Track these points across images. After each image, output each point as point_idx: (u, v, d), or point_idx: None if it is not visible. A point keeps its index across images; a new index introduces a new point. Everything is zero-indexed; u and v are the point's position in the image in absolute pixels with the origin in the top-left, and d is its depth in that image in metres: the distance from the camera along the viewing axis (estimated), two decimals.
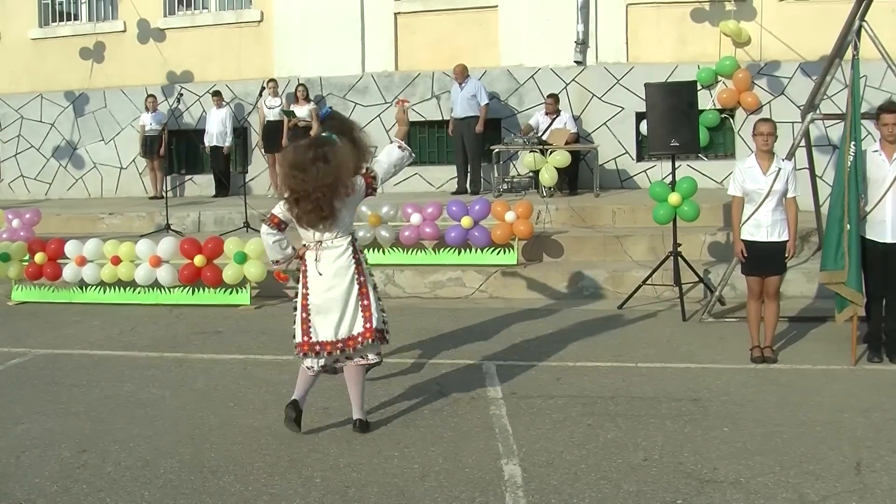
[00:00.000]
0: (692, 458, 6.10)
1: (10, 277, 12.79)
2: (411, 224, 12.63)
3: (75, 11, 20.55)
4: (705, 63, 16.13)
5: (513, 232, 12.24)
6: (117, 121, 19.39)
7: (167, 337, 10.23)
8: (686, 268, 10.96)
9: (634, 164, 16.69)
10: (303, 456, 6.39)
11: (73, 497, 5.77)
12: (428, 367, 8.57)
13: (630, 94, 16.37)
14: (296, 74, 18.11)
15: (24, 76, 20.28)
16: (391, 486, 5.78)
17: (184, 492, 5.80)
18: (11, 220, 13.86)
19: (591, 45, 16.73)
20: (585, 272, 11.96)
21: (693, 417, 6.95)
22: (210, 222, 15.47)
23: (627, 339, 9.59)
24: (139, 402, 7.85)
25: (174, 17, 19.47)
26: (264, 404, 7.65)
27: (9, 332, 10.85)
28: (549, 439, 6.55)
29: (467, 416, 7.15)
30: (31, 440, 6.90)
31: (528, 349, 9.21)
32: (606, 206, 14.15)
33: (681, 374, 8.19)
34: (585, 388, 7.83)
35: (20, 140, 20.34)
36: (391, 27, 17.95)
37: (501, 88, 17.23)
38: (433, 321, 10.63)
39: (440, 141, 17.75)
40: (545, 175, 14.67)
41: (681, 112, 10.93)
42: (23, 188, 20.33)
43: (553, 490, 5.62)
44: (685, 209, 11.00)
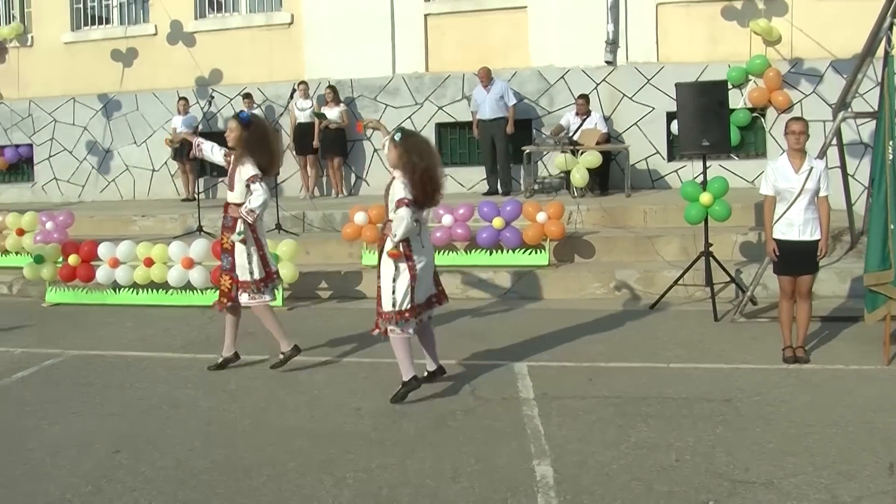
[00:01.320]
0: (724, 458, 6.08)
1: (45, 279, 12.91)
2: (443, 225, 12.66)
3: (107, 15, 20.68)
4: (736, 62, 16.06)
5: (544, 232, 12.25)
6: (149, 123, 19.50)
7: (200, 338, 10.29)
8: (718, 268, 10.92)
9: (665, 164, 16.64)
10: (335, 457, 6.40)
11: (107, 496, 5.82)
12: (460, 368, 8.58)
13: (661, 93, 16.31)
14: (326, 76, 18.16)
15: (57, 80, 20.42)
16: (423, 488, 5.79)
17: (217, 492, 5.84)
18: (45, 223, 13.97)
19: (621, 45, 16.76)
20: (617, 272, 11.94)
21: (725, 418, 6.93)
22: None
23: (659, 339, 9.57)
24: (172, 402, 7.90)
25: (205, 20, 19.55)
26: (296, 405, 7.69)
27: (43, 334, 10.96)
28: (581, 440, 6.55)
29: (499, 417, 7.16)
30: (66, 440, 6.97)
31: (559, 350, 9.21)
32: (638, 206, 14.12)
33: (713, 375, 8.16)
34: (617, 388, 7.82)
35: (53, 143, 20.50)
36: (421, 28, 17.96)
37: (532, 89, 17.22)
38: (464, 322, 10.65)
39: (471, 142, 17.73)
40: (576, 175, 14.67)
41: (712, 111, 10.89)
42: (56, 191, 20.49)
43: (585, 491, 5.62)
44: (717, 209, 10.97)
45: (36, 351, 10.02)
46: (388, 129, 8.21)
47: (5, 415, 7.67)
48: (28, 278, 13.10)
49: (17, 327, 11.29)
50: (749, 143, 16.44)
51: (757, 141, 16.44)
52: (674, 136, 15.74)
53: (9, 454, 6.67)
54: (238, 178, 8.69)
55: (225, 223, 8.82)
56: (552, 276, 12.12)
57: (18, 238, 14.06)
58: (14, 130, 20.80)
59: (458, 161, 17.89)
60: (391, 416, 7.29)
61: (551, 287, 11.99)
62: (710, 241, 10.99)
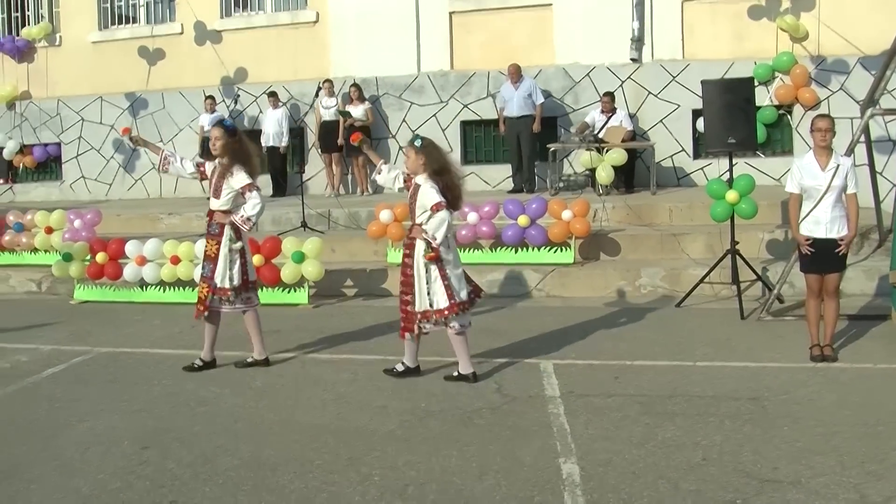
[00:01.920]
0: (752, 457, 6.06)
1: (73, 277, 13.00)
2: (468, 223, 12.68)
3: (133, 14, 20.81)
4: (762, 59, 16.01)
5: (570, 230, 12.24)
6: (175, 122, 19.59)
7: (226, 336, 10.26)
8: (744, 266, 10.89)
9: (691, 162, 16.60)
10: (361, 454, 6.41)
11: (136, 493, 5.84)
12: (486, 366, 8.58)
13: (686, 91, 16.28)
14: (351, 74, 18.19)
15: (84, 79, 20.53)
16: (449, 485, 5.80)
17: (244, 488, 5.86)
18: (73, 221, 14.05)
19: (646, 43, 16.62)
20: (642, 270, 11.92)
21: (752, 417, 6.92)
22: (268, 222, 15.54)
23: (685, 337, 9.56)
24: (199, 399, 7.93)
25: (230, 19, 19.64)
26: (322, 402, 7.71)
27: (72, 331, 11.03)
28: (608, 438, 6.55)
29: (525, 415, 7.16)
30: (95, 437, 7.00)
31: (585, 348, 9.21)
32: (663, 203, 14.09)
33: (739, 373, 8.14)
34: (643, 386, 7.81)
35: (81, 142, 20.63)
36: (446, 26, 17.98)
37: (557, 87, 17.21)
38: (490, 320, 10.65)
39: (496, 140, 17.75)
40: (601, 173, 14.66)
41: (738, 109, 10.86)
42: (84, 189, 20.61)
43: (611, 489, 5.62)
44: (743, 207, 10.94)
45: (65, 348, 10.09)
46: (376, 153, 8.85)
47: (36, 411, 7.72)
48: (56, 276, 13.21)
49: (46, 324, 11.37)
50: (775, 141, 16.40)
51: (783, 138, 16.39)
52: (699, 134, 15.72)
53: (39, 450, 6.71)
54: (226, 186, 8.66)
55: (211, 231, 8.79)
56: (577, 273, 12.12)
57: (47, 236, 14.15)
58: (42, 129, 20.95)
59: (482, 159, 17.92)
60: (417, 413, 7.30)
61: (576, 285, 11.99)
62: (736, 238, 10.95)
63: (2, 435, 7.12)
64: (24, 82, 21.21)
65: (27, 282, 14.07)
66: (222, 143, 8.61)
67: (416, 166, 8.05)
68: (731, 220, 10.98)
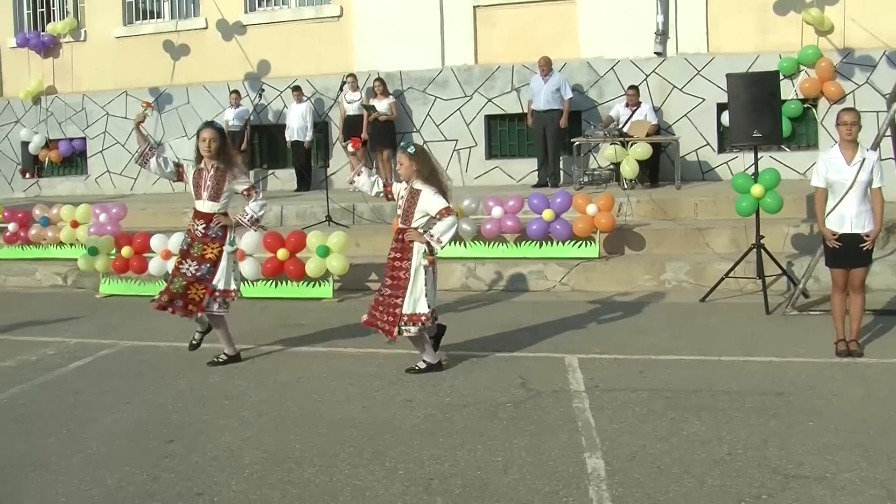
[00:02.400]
0: (777, 452, 6.04)
1: (98, 271, 13.08)
2: (493, 217, 12.67)
3: (158, 9, 20.91)
4: (787, 52, 15.93)
5: (594, 224, 12.23)
6: (200, 116, 19.54)
7: (251, 329, 10.36)
8: (769, 260, 10.84)
9: (716, 156, 16.56)
10: (386, 448, 6.42)
11: (161, 485, 5.88)
12: (510, 361, 8.60)
13: (711, 84, 16.23)
14: (375, 69, 18.20)
15: (109, 74, 20.64)
16: (474, 479, 5.80)
17: (269, 482, 5.88)
18: (99, 215, 14.13)
19: (671, 36, 16.63)
20: (667, 265, 11.91)
21: (777, 412, 6.89)
22: (292, 216, 15.61)
23: (710, 332, 9.54)
24: (224, 393, 7.97)
25: (254, 14, 19.69)
26: (347, 396, 7.73)
27: (97, 324, 11.11)
28: (633, 433, 6.54)
29: (550, 410, 7.16)
30: (121, 429, 7.05)
31: (610, 342, 9.19)
32: (688, 198, 14.06)
33: (764, 368, 8.12)
34: (668, 381, 7.80)
35: (106, 136, 20.73)
36: (470, 20, 17.97)
37: (581, 80, 17.18)
38: (515, 314, 10.66)
39: (520, 134, 17.75)
40: (626, 167, 14.65)
41: (763, 102, 10.80)
42: (109, 183, 20.73)
43: (636, 484, 5.61)
44: (768, 201, 10.89)
45: (90, 341, 10.16)
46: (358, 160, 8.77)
47: (62, 404, 7.77)
48: (82, 270, 13.29)
49: (71, 318, 11.46)
50: (800, 135, 16.34)
51: (808, 132, 16.33)
52: (724, 128, 15.66)
53: (66, 442, 6.76)
54: (227, 188, 8.72)
55: (210, 233, 8.74)
56: (602, 268, 12.11)
57: (72, 230, 14.24)
58: (68, 124, 21.07)
59: (507, 153, 17.92)
60: (442, 407, 7.31)
61: (601, 279, 11.97)
62: (761, 233, 10.90)
63: (29, 427, 7.17)
64: (49, 77, 21.34)
65: (53, 275, 14.17)
66: (217, 146, 8.63)
67: (409, 172, 8.17)
68: (756, 214, 10.93)
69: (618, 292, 11.66)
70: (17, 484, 5.98)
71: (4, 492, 5.84)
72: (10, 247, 14.93)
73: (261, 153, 19.82)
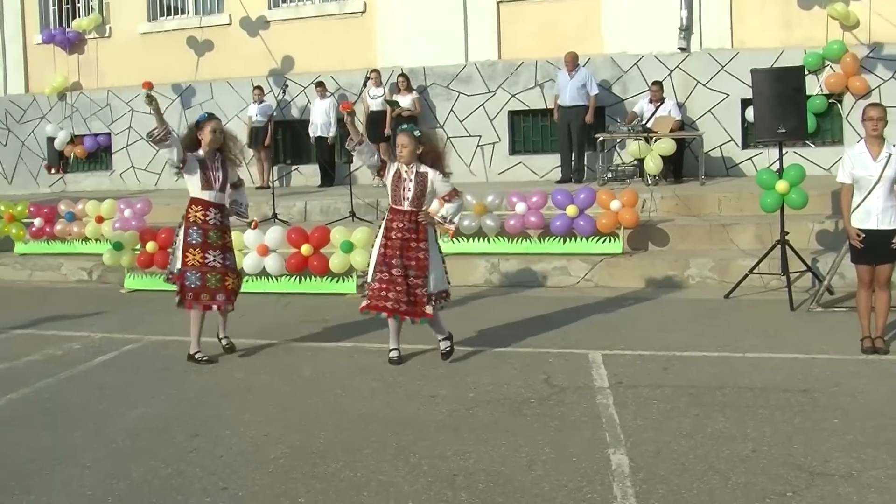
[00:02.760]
0: (802, 449, 6.03)
1: (123, 266, 13.14)
2: (516, 213, 12.68)
3: (182, 5, 20.96)
4: (812, 47, 15.85)
5: (618, 220, 12.21)
6: (224, 112, 19.59)
7: (275, 325, 10.40)
8: (794, 256, 10.80)
9: (740, 152, 16.49)
10: (410, 443, 6.44)
11: (186, 479, 5.91)
12: (534, 357, 8.59)
13: (735, 80, 16.15)
14: (399, 64, 18.21)
15: (133, 70, 20.62)
16: (498, 475, 5.81)
17: (293, 476, 5.90)
18: (123, 210, 14.22)
19: (695, 31, 16.60)
20: (691, 261, 11.87)
21: (802, 409, 6.87)
22: (316, 212, 15.64)
23: (734, 328, 9.51)
24: (249, 388, 8.00)
25: (278, 9, 19.70)
26: (371, 391, 7.75)
27: (122, 319, 11.17)
28: (657, 429, 6.53)
29: (574, 406, 7.16)
30: (146, 424, 7.09)
31: (634, 338, 9.18)
32: (712, 194, 14.02)
33: (789, 365, 8.09)
34: (692, 377, 7.79)
35: (131, 132, 20.79)
36: (494, 16, 17.94)
37: (605, 76, 17.13)
38: (538, 310, 10.64)
39: (543, 130, 17.73)
40: (650, 163, 14.61)
41: (788, 98, 10.76)
42: (133, 179, 20.80)
43: (660, 480, 5.61)
44: (793, 197, 10.84)
45: (115, 336, 10.22)
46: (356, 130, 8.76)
47: (88, 398, 7.82)
48: (107, 265, 13.37)
49: (97, 313, 11.53)
50: (825, 130, 16.25)
51: (833, 128, 16.23)
52: (748, 124, 15.60)
53: (92, 436, 6.80)
54: (229, 180, 8.98)
55: (226, 223, 9.02)
56: (626, 264, 12.10)
57: (97, 225, 14.33)
58: (93, 120, 21.16)
59: (530, 149, 17.89)
60: (466, 403, 7.32)
61: (625, 275, 11.96)
62: (786, 229, 10.86)
63: (55, 421, 7.23)
64: (74, 73, 21.42)
65: (78, 270, 14.26)
66: (224, 136, 9.02)
67: (411, 155, 8.31)
68: (780, 210, 10.90)
69: (641, 288, 11.67)
70: (44, 476, 6.02)
71: (32, 483, 5.90)
72: (36, 242, 15.04)
73: (284, 149, 19.85)
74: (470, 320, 9.95)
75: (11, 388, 8.15)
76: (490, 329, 9.67)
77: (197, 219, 8.86)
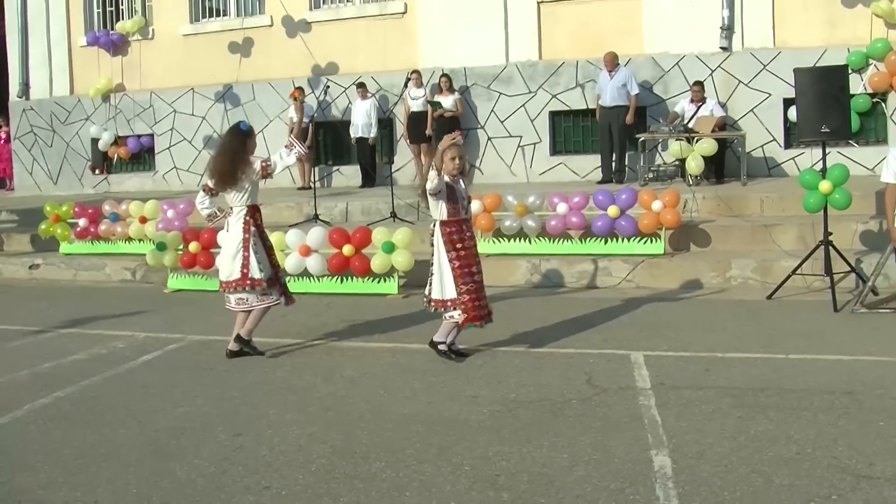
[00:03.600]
0: (847, 452, 5.97)
1: (166, 266, 13.25)
2: (557, 213, 12.67)
3: (224, 7, 21.15)
4: (856, 46, 15.76)
5: (660, 221, 12.18)
6: (265, 113, 19.81)
7: (317, 325, 10.44)
8: (837, 257, 10.71)
9: (782, 152, 16.41)
10: (452, 444, 6.43)
11: (230, 478, 5.93)
12: (576, 357, 8.57)
13: (777, 79, 16.09)
14: (440, 65, 18.26)
15: (176, 71, 20.90)
16: (540, 476, 5.80)
17: (336, 476, 5.91)
18: (166, 211, 14.34)
19: (736, 31, 16.56)
20: (733, 262, 11.81)
21: (847, 411, 6.81)
22: (357, 212, 15.70)
23: (777, 329, 9.44)
24: (291, 388, 8.03)
25: (319, 11, 19.82)
26: (413, 392, 7.75)
27: (166, 319, 11.25)
28: (699, 431, 6.50)
29: (616, 407, 7.14)
30: (190, 422, 7.13)
31: (675, 339, 9.14)
32: (754, 194, 13.95)
33: (833, 367, 8.03)
34: (735, 379, 7.74)
35: (173, 133, 21.00)
36: (534, 16, 17.96)
37: (646, 76, 17.10)
38: (580, 311, 10.62)
39: (584, 130, 17.73)
40: (692, 163, 14.56)
41: (831, 97, 10.67)
42: (176, 179, 20.99)
43: (703, 482, 5.58)
44: (837, 197, 10.75)
45: (159, 335, 10.30)
46: None
47: (132, 397, 7.88)
48: (150, 265, 13.49)
49: (140, 312, 11.63)
50: (869, 130, 16.14)
51: (877, 127, 16.12)
52: (791, 123, 15.52)
53: (136, 435, 6.86)
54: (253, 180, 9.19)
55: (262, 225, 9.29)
56: (667, 265, 12.06)
57: (141, 226, 14.45)
58: (136, 121, 21.39)
59: (571, 149, 17.91)
60: (507, 404, 7.31)
61: (666, 276, 11.91)
62: (829, 229, 10.78)
63: (101, 419, 7.29)
64: (118, 75, 21.67)
65: (122, 270, 14.40)
66: None
67: (463, 166, 8.54)
68: (824, 210, 10.82)
69: (683, 289, 11.61)
70: (90, 473, 6.08)
71: (78, 480, 5.95)
72: (81, 242, 15.20)
73: (325, 150, 19.95)
74: (511, 321, 9.94)
75: (58, 387, 8.24)
76: (531, 330, 9.66)
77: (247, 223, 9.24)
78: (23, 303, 13.01)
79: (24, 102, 22.75)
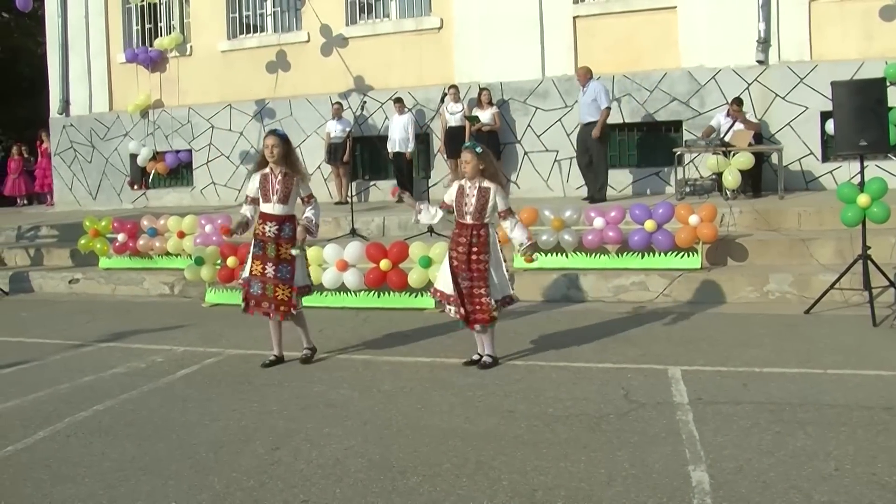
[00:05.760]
0: (886, 469, 5.92)
1: (204, 280, 13.34)
2: (594, 228, 12.67)
3: (261, 24, 21.30)
4: (893, 58, 15.63)
5: (696, 235, 12.14)
6: (303, 129, 19.92)
7: (354, 339, 10.47)
8: (876, 271, 10.64)
9: (820, 165, 16.34)
10: (489, 458, 6.43)
11: (268, 491, 5.96)
12: (613, 372, 8.56)
13: (814, 92, 16.04)
14: (476, 80, 18.32)
15: (213, 87, 21.06)
16: (578, 491, 5.79)
17: (373, 490, 5.92)
18: (204, 226, 14.44)
19: (773, 44, 16.52)
20: (770, 276, 11.75)
21: (886, 427, 6.76)
22: (394, 227, 15.74)
23: (815, 344, 9.39)
24: (329, 402, 8.05)
25: (356, 27, 19.92)
26: (451, 406, 7.76)
27: (203, 333, 11.32)
28: (737, 446, 6.47)
29: (653, 422, 7.12)
30: (228, 436, 7.16)
31: (713, 354, 9.11)
32: (791, 208, 13.89)
33: (872, 382, 7.97)
34: (773, 394, 7.70)
35: (211, 148, 21.16)
36: (570, 30, 17.99)
37: (682, 90, 17.09)
38: (617, 325, 10.62)
39: (620, 144, 17.74)
40: (728, 177, 14.52)
41: (869, 110, 10.62)
42: (214, 195, 21.13)
43: (741, 498, 5.55)
44: (875, 211, 10.68)
45: (197, 349, 10.37)
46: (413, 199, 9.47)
47: (171, 410, 7.94)
48: (188, 279, 13.58)
49: (178, 326, 11.72)
50: None
51: None
52: (828, 136, 15.44)
53: (175, 448, 6.90)
54: (293, 192, 9.18)
55: (284, 235, 9.14)
56: (704, 279, 12.01)
57: (179, 240, 14.57)
58: (174, 137, 21.57)
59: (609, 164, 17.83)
60: (544, 419, 7.31)
61: (703, 291, 11.87)
62: (867, 243, 10.72)
63: (140, 432, 7.34)
64: (156, 91, 21.88)
65: (160, 285, 14.50)
66: (280, 151, 9.09)
67: (475, 170, 8.68)
68: (862, 224, 10.75)
69: (720, 303, 11.57)
70: (129, 486, 6.13)
71: (118, 493, 6.00)
72: (120, 257, 15.32)
73: (363, 164, 20.04)
74: (547, 336, 9.95)
75: (98, 400, 8.31)
76: (568, 344, 9.66)
77: (258, 231, 9.22)
78: (63, 317, 13.13)
79: (64, 119, 23.01)
